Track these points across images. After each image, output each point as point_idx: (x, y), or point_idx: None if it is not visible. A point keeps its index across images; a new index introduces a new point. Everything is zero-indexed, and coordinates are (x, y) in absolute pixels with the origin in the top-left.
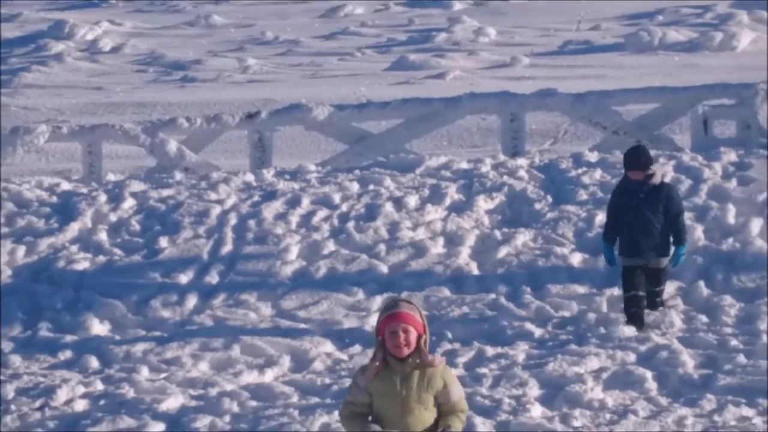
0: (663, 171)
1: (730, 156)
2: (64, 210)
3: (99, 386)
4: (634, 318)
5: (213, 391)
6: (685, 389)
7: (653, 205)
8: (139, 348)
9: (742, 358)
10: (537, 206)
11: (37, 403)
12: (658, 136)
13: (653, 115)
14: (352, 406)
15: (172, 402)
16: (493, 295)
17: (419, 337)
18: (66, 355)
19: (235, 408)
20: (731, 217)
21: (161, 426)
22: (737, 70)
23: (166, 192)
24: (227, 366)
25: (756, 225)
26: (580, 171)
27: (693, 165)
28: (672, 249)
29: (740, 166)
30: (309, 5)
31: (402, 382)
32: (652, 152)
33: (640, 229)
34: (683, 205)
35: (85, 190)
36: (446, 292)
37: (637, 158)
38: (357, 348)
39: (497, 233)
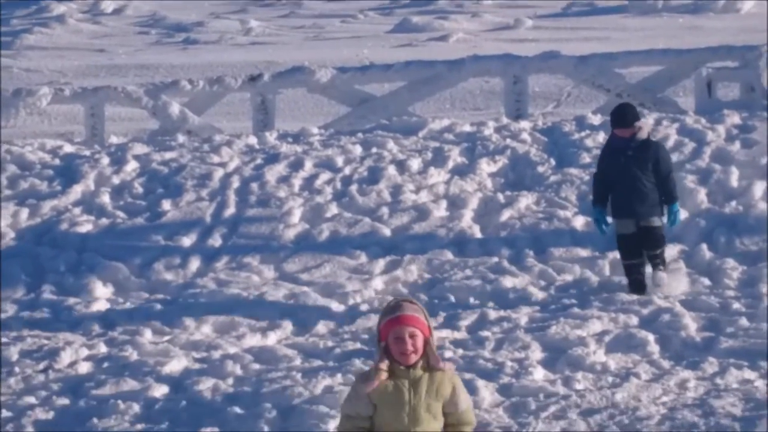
0: (649, 127)
1: (734, 118)
2: (67, 172)
3: (102, 349)
4: (636, 285)
5: (216, 354)
6: (688, 352)
7: (641, 162)
8: (142, 311)
9: (744, 321)
10: (540, 169)
11: (41, 366)
12: (662, 98)
13: (657, 77)
14: (352, 421)
15: (176, 365)
16: (495, 259)
17: (426, 341)
18: (69, 317)
19: (238, 371)
20: (734, 180)
21: (165, 388)
22: (741, 32)
23: (168, 155)
24: (230, 329)
25: (759, 188)
26: (583, 134)
27: (696, 128)
28: (665, 210)
29: (744, 128)
30: None
31: (410, 389)
32: (656, 115)
33: (630, 187)
34: (672, 164)
35: (87, 153)
36: (449, 255)
37: (624, 116)
38: (360, 311)
39: (500, 196)
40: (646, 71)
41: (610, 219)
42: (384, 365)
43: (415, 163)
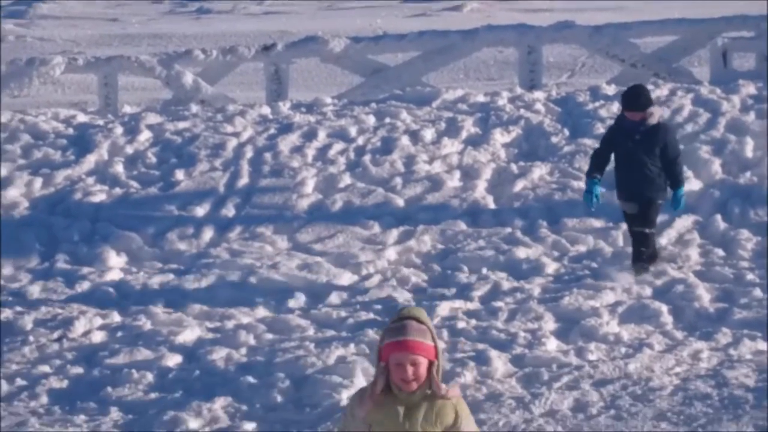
0: (660, 112)
1: (749, 89)
2: (81, 142)
3: (116, 318)
4: (648, 256)
5: (229, 324)
6: (701, 323)
7: (649, 147)
8: (155, 280)
9: (758, 292)
10: (554, 140)
11: (55, 335)
12: (677, 68)
13: (672, 47)
14: None
15: (189, 334)
16: (509, 229)
17: (430, 364)
18: (83, 287)
19: (252, 340)
20: (749, 151)
21: (178, 358)
22: (757, 1)
23: (182, 124)
24: (243, 299)
25: None
26: (597, 104)
27: (711, 98)
28: (669, 192)
29: (759, 99)
30: None
31: (406, 414)
32: (671, 85)
33: (636, 172)
34: (680, 148)
35: (101, 122)
36: (462, 225)
37: (637, 99)
38: (373, 281)
39: (514, 167)
40: (660, 41)
41: (602, 189)
42: (379, 388)
43: (429, 134)
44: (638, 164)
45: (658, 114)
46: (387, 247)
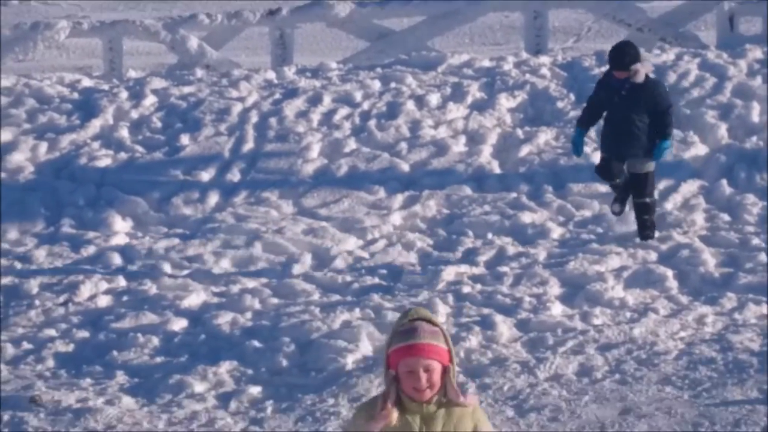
0: (648, 68)
1: (756, 53)
2: (86, 106)
3: (122, 282)
4: (619, 201)
5: (235, 288)
6: (706, 287)
7: (635, 103)
8: (161, 245)
9: (763, 257)
10: (559, 104)
11: (61, 299)
12: (683, 33)
13: (678, 11)
14: None
15: (194, 299)
16: (514, 194)
17: (444, 369)
18: (89, 251)
19: (257, 305)
20: (755, 115)
21: (184, 322)
22: None
23: (187, 89)
24: (249, 263)
25: None
26: (603, 69)
27: (718, 62)
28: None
29: (765, 63)
30: None
31: (422, 427)
32: (677, 49)
33: (620, 129)
34: (671, 100)
35: (106, 87)
36: (468, 190)
37: (621, 58)
38: (378, 246)
39: (519, 132)
40: (667, 5)
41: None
42: (392, 400)
43: (434, 99)
44: (623, 121)
45: (644, 71)
46: (392, 211)
